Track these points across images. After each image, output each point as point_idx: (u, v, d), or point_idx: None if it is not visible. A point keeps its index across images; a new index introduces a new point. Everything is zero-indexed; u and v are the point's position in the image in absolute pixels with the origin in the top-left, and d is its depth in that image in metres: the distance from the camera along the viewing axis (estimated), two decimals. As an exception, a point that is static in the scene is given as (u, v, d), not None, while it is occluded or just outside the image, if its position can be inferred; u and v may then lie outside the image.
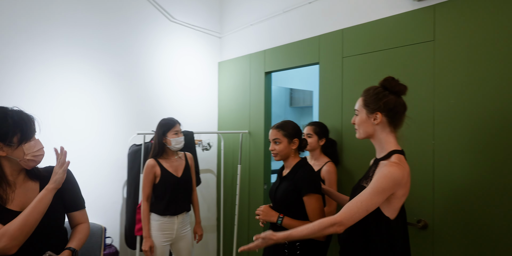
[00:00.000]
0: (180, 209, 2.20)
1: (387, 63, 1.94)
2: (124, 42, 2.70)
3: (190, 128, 3.03)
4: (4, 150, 1.16)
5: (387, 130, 1.28)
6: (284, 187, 1.64)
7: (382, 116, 1.26)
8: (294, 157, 1.70)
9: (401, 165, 1.17)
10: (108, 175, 2.62)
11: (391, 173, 1.14)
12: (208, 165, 3.29)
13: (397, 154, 1.23)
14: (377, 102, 1.26)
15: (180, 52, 3.06)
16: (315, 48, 2.37)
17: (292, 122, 1.74)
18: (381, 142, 1.29)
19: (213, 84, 3.32)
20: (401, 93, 1.28)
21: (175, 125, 2.20)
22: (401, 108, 1.27)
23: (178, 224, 2.20)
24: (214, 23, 3.31)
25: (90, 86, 2.52)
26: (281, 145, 1.66)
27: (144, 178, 2.14)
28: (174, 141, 2.16)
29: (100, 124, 2.58)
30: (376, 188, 1.14)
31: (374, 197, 1.14)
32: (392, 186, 1.15)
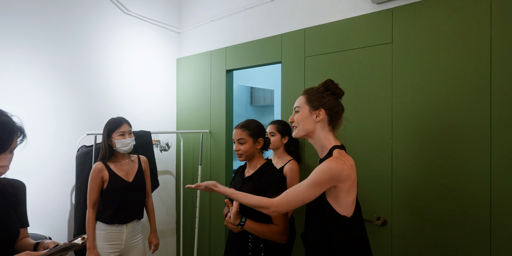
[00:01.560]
0: (130, 217, 2.04)
1: (348, 64, 1.97)
2: (71, 33, 2.46)
3: (148, 127, 2.86)
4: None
5: (326, 129, 1.31)
6: (249, 187, 1.59)
7: (324, 113, 1.29)
8: (259, 157, 1.66)
9: (341, 159, 1.20)
10: (55, 179, 2.38)
11: (328, 167, 1.17)
12: (167, 167, 3.14)
13: (337, 149, 1.26)
14: (321, 99, 1.30)
15: (136, 46, 2.88)
16: (277, 47, 2.35)
17: (256, 121, 1.69)
18: (320, 141, 1.30)
19: (171, 81, 3.17)
20: (339, 96, 1.34)
21: (121, 125, 1.99)
22: (340, 109, 1.33)
23: (128, 233, 2.04)
24: (173, 17, 3.16)
25: (32, 81, 2.27)
26: (246, 145, 1.61)
27: (90, 183, 1.96)
28: (119, 143, 1.98)
29: (45, 124, 2.33)
30: (313, 181, 1.18)
31: (310, 189, 1.18)
32: (329, 179, 1.17)
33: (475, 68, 1.55)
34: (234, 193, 1.37)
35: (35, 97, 2.28)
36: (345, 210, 1.21)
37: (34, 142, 2.29)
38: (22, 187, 1.25)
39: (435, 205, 1.64)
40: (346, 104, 1.83)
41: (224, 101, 2.73)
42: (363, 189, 1.86)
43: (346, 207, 1.21)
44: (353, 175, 1.22)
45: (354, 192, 1.23)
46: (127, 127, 2.02)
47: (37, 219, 2.30)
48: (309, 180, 1.19)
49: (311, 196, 1.19)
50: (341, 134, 1.38)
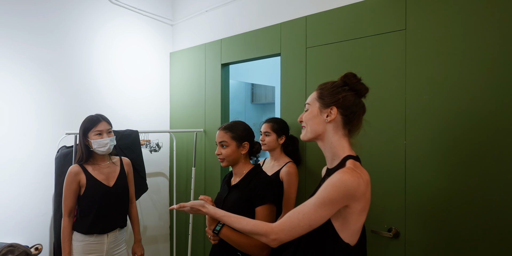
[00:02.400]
0: (111, 225, 1.83)
1: (354, 54, 1.75)
2: (53, 23, 2.27)
3: (138, 126, 2.66)
4: None
5: (340, 133, 1.06)
6: (235, 197, 1.41)
7: (337, 113, 1.04)
8: (244, 163, 1.47)
9: (357, 172, 0.95)
10: (34, 183, 2.19)
11: (341, 181, 0.92)
12: (160, 168, 2.94)
13: (352, 159, 1.02)
14: (334, 95, 1.04)
15: (125, 39, 2.67)
16: (276, 38, 2.13)
17: (243, 123, 1.50)
18: (331, 147, 1.06)
19: (164, 77, 2.97)
20: (361, 93, 1.07)
21: (97, 124, 1.78)
22: (360, 109, 1.07)
23: (109, 244, 1.83)
24: (166, 8, 2.95)
25: (9, 75, 2.07)
26: (228, 149, 1.43)
27: (66, 188, 1.75)
28: (96, 144, 1.76)
29: (24, 122, 2.14)
30: (323, 199, 0.92)
31: (319, 209, 0.93)
32: (343, 196, 0.92)
33: (507, 57, 1.32)
34: (226, 216, 1.13)
35: (13, 93, 2.09)
36: (350, 236, 0.98)
37: (12, 142, 2.10)
38: None
39: (457, 217, 1.42)
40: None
41: (219, 98, 2.52)
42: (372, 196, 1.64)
43: (352, 233, 0.98)
44: (368, 193, 1.00)
45: (365, 215, 1.00)
46: (106, 125, 1.80)
47: (16, 226, 2.12)
48: (317, 198, 0.94)
49: (321, 218, 0.94)
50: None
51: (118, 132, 2.21)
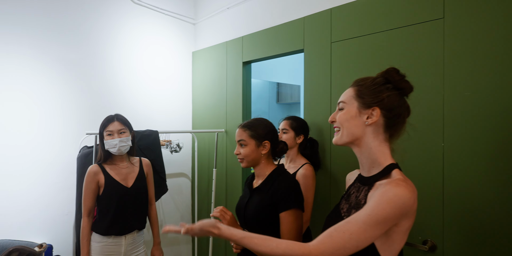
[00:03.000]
0: (129, 227, 1.80)
1: (385, 48, 1.60)
2: (77, 26, 2.29)
3: (160, 127, 2.65)
4: None
5: (381, 137, 0.91)
6: (257, 201, 1.31)
7: (380, 114, 0.89)
8: (266, 164, 1.36)
9: (410, 186, 0.82)
10: (58, 183, 2.23)
11: (400, 197, 0.78)
12: (182, 169, 2.92)
13: (397, 169, 0.88)
14: (377, 94, 0.90)
15: (148, 39, 2.67)
16: (299, 33, 2.01)
17: (264, 121, 1.39)
18: (370, 153, 0.91)
19: (187, 76, 2.94)
20: (405, 93, 0.93)
21: (109, 124, 1.75)
22: (405, 111, 0.92)
23: (127, 245, 1.80)
24: (187, 7, 2.92)
25: (32, 78, 2.12)
26: (246, 149, 1.33)
27: (85, 188, 1.74)
28: (107, 144, 1.74)
29: (49, 123, 2.18)
30: (376, 216, 0.77)
31: (370, 228, 0.77)
32: (399, 214, 0.78)
33: None
34: (247, 237, 0.87)
35: (37, 93, 2.13)
36: (392, 254, 0.85)
37: (38, 142, 2.14)
38: None
39: (502, 231, 1.24)
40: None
41: (240, 97, 2.44)
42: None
43: (394, 253, 0.85)
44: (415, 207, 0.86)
45: (408, 232, 0.87)
46: (117, 126, 1.75)
47: (40, 225, 2.16)
48: (369, 215, 0.78)
49: (370, 239, 0.79)
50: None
51: (138, 133, 2.19)
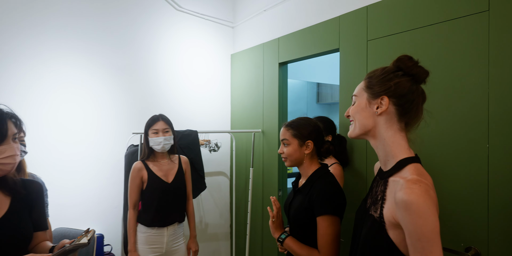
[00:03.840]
0: (170, 220, 1.92)
1: (424, 44, 1.53)
2: (124, 34, 2.49)
3: (199, 127, 2.77)
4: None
5: (395, 127, 0.87)
6: (298, 203, 1.32)
7: (389, 103, 0.86)
8: (310, 164, 1.35)
9: (424, 183, 0.77)
10: (109, 178, 2.43)
11: (420, 206, 0.73)
12: (221, 167, 3.02)
13: (412, 163, 0.83)
14: (385, 83, 0.87)
15: (189, 44, 2.81)
16: (334, 32, 1.99)
17: (308, 120, 1.38)
18: (385, 145, 0.88)
19: (226, 78, 3.03)
20: (419, 79, 0.88)
21: (155, 123, 1.90)
22: (419, 97, 0.87)
23: (168, 236, 1.93)
24: (227, 11, 3.02)
25: (87, 82, 2.34)
26: (289, 148, 1.34)
27: (130, 183, 1.89)
28: (152, 142, 1.89)
29: (100, 123, 2.39)
30: (428, 239, 0.72)
31: (436, 248, 0.72)
32: (434, 219, 0.74)
33: None
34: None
35: (91, 96, 2.35)
36: None
37: (91, 141, 2.35)
38: (38, 187, 1.18)
39: (560, 241, 1.13)
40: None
41: (276, 98, 2.47)
42: (446, 209, 1.41)
43: None
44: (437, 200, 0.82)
45: None
46: (162, 125, 1.90)
47: (94, 216, 2.37)
48: (420, 241, 0.73)
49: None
50: (418, 136, 0.94)
51: (178, 132, 2.31)
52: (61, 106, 2.24)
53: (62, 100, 2.24)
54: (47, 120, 2.19)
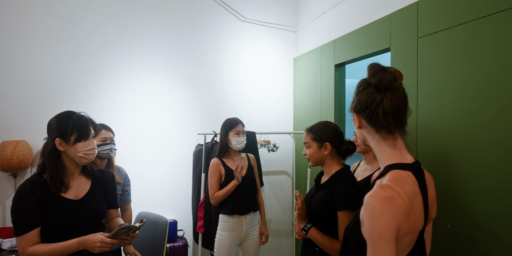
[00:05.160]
0: (247, 208, 2.15)
1: (480, 38, 1.39)
2: (194, 47, 2.84)
3: (261, 128, 2.96)
4: (63, 146, 1.32)
5: (376, 136, 0.92)
6: (319, 197, 1.44)
7: (358, 117, 0.94)
8: (331, 164, 1.47)
9: (393, 189, 0.79)
10: (182, 172, 2.80)
11: (375, 209, 0.77)
12: (283, 167, 3.15)
13: (394, 170, 0.85)
14: (354, 99, 0.95)
15: (252, 51, 3.02)
16: (385, 31, 1.93)
17: (326, 124, 1.50)
18: (376, 153, 0.95)
19: (288, 81, 3.16)
20: (380, 87, 0.88)
21: (237, 125, 2.16)
22: (378, 106, 0.88)
23: (247, 224, 2.16)
24: (289, 17, 3.14)
25: (165, 91, 2.76)
26: (310, 150, 1.49)
27: (211, 177, 2.14)
28: (235, 141, 2.14)
29: (173, 125, 2.79)
30: (374, 240, 0.77)
31: (381, 251, 0.76)
32: (386, 224, 0.76)
33: None
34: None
35: (165, 102, 2.76)
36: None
37: (166, 140, 2.77)
38: (111, 175, 1.52)
39: None
40: (474, 97, 1.33)
41: (332, 99, 2.48)
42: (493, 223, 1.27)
43: (396, 252, 0.82)
44: (413, 212, 0.82)
45: (409, 238, 0.83)
46: (242, 127, 2.18)
47: (170, 204, 2.78)
48: (369, 240, 0.78)
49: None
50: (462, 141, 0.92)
51: (239, 133, 2.54)
52: (145, 112, 2.70)
53: (146, 107, 2.70)
54: (135, 124, 2.67)
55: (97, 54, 2.57)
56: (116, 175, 1.91)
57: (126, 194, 2.01)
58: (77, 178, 1.39)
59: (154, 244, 2.34)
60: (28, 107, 2.40)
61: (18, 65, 2.40)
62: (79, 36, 2.53)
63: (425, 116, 1.65)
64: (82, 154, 1.33)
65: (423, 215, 0.86)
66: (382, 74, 0.88)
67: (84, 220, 1.34)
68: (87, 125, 1.35)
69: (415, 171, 0.87)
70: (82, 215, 1.34)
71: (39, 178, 1.31)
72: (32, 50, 2.42)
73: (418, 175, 0.87)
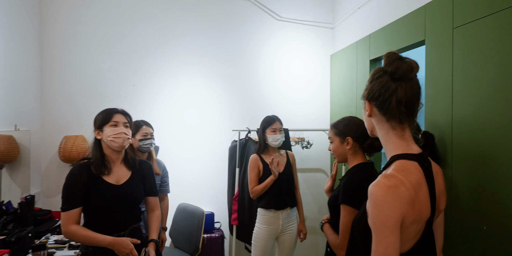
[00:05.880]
0: (283, 204, 2.18)
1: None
2: (232, 47, 2.96)
3: (296, 125, 2.98)
4: (99, 135, 1.52)
5: (386, 126, 0.90)
6: (335, 192, 1.46)
7: (370, 105, 0.93)
8: (353, 159, 1.44)
9: (397, 178, 0.79)
10: (219, 167, 2.93)
11: (378, 198, 0.78)
12: (319, 164, 3.14)
13: (399, 160, 0.84)
14: (367, 86, 0.94)
15: (288, 49, 3.06)
16: (420, 23, 1.85)
17: (349, 118, 1.49)
18: (383, 144, 0.93)
19: (325, 79, 3.13)
20: (395, 75, 0.87)
21: (273, 123, 2.20)
22: (392, 94, 0.86)
23: (283, 219, 2.19)
24: (326, 14, 3.12)
25: (203, 88, 2.91)
26: (333, 145, 1.49)
27: (250, 172, 2.23)
28: (271, 138, 2.19)
29: (211, 122, 2.94)
30: (378, 228, 0.77)
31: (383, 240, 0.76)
32: (389, 213, 0.76)
33: None
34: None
35: (202, 100, 2.92)
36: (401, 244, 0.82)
37: (205, 136, 2.92)
38: (149, 166, 1.68)
39: None
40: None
41: (367, 96, 2.42)
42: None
43: (402, 242, 0.82)
44: (418, 201, 0.81)
45: (415, 227, 0.82)
46: (279, 125, 2.21)
47: (208, 197, 2.93)
48: (373, 229, 0.79)
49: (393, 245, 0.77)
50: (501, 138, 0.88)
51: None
52: (185, 109, 2.88)
53: (186, 104, 2.88)
54: (175, 121, 2.86)
55: (143, 56, 2.81)
56: (155, 166, 2.08)
57: (164, 184, 2.18)
58: (118, 166, 1.56)
59: (192, 233, 2.50)
60: (84, 105, 2.71)
61: (76, 68, 2.72)
62: (127, 40, 2.78)
63: (461, 111, 1.56)
64: (112, 138, 1.49)
65: (429, 204, 0.85)
66: (399, 63, 0.88)
67: (123, 203, 1.51)
68: (111, 113, 1.53)
69: (421, 161, 0.86)
70: (121, 199, 1.50)
71: (86, 163, 1.51)
72: (89, 55, 2.73)
73: (424, 165, 0.86)
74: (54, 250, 1.94)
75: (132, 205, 1.57)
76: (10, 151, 2.20)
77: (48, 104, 2.69)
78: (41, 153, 2.67)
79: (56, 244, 2.03)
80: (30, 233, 1.91)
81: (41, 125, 2.68)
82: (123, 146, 1.53)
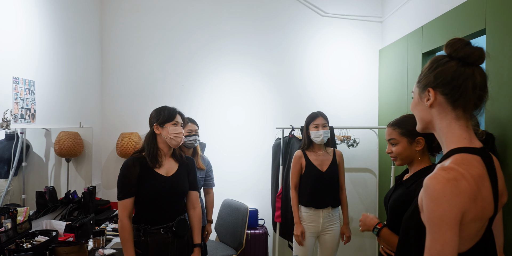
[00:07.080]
0: (324, 203, 2.14)
1: None
2: (276, 45, 2.97)
3: (343, 123, 2.90)
4: (158, 130, 1.63)
5: (449, 116, 0.81)
6: (397, 195, 1.33)
7: (435, 93, 0.83)
8: (421, 161, 1.32)
9: (457, 171, 0.72)
10: (263, 165, 2.96)
11: (436, 191, 0.72)
12: (367, 164, 3.02)
13: (459, 153, 0.77)
14: (428, 75, 0.84)
15: (334, 45, 2.99)
16: (480, 10, 1.70)
17: (414, 117, 1.35)
18: (440, 136, 0.85)
19: (373, 74, 3.01)
20: (468, 60, 0.80)
21: (316, 118, 2.16)
22: (466, 80, 0.79)
23: (324, 218, 2.15)
24: (374, 6, 2.99)
25: (247, 87, 2.96)
26: (398, 147, 1.33)
27: (292, 167, 2.22)
28: (313, 134, 2.15)
29: (256, 120, 2.98)
30: (435, 224, 0.72)
31: (441, 236, 0.71)
32: (447, 208, 0.71)
33: None
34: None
35: (246, 99, 2.97)
36: (460, 244, 0.76)
37: (248, 134, 2.97)
38: (192, 161, 1.76)
39: None
40: None
41: (419, 91, 2.28)
42: None
43: (462, 241, 0.76)
44: (480, 197, 0.75)
45: (476, 225, 0.76)
46: (322, 120, 2.16)
47: (252, 194, 2.98)
48: (429, 225, 0.74)
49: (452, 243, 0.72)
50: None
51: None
52: (230, 107, 2.96)
53: (231, 102, 2.96)
54: (221, 119, 2.95)
55: (191, 57, 2.94)
56: (200, 161, 2.16)
57: (209, 179, 2.26)
58: (168, 159, 1.67)
59: (236, 228, 2.56)
60: (138, 104, 2.91)
61: (132, 70, 2.93)
62: (177, 42, 2.93)
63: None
64: (172, 136, 1.60)
65: (493, 201, 0.78)
66: (470, 48, 0.81)
67: (171, 194, 1.60)
68: (175, 113, 1.64)
69: (483, 156, 0.79)
70: (171, 189, 1.60)
71: (139, 156, 1.62)
72: (141, 57, 2.92)
73: (486, 160, 0.79)
74: (111, 237, 2.11)
75: (180, 195, 1.66)
76: (76, 146, 2.44)
77: (108, 103, 2.93)
78: (101, 148, 2.91)
79: (113, 231, 2.21)
80: (91, 220, 2.10)
81: (102, 122, 2.93)
82: (179, 144, 1.64)
